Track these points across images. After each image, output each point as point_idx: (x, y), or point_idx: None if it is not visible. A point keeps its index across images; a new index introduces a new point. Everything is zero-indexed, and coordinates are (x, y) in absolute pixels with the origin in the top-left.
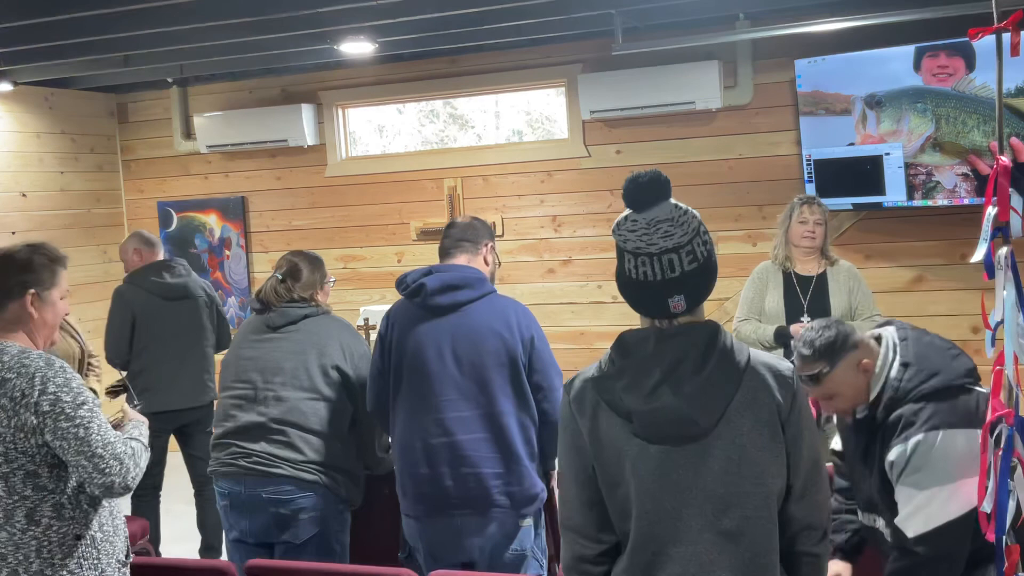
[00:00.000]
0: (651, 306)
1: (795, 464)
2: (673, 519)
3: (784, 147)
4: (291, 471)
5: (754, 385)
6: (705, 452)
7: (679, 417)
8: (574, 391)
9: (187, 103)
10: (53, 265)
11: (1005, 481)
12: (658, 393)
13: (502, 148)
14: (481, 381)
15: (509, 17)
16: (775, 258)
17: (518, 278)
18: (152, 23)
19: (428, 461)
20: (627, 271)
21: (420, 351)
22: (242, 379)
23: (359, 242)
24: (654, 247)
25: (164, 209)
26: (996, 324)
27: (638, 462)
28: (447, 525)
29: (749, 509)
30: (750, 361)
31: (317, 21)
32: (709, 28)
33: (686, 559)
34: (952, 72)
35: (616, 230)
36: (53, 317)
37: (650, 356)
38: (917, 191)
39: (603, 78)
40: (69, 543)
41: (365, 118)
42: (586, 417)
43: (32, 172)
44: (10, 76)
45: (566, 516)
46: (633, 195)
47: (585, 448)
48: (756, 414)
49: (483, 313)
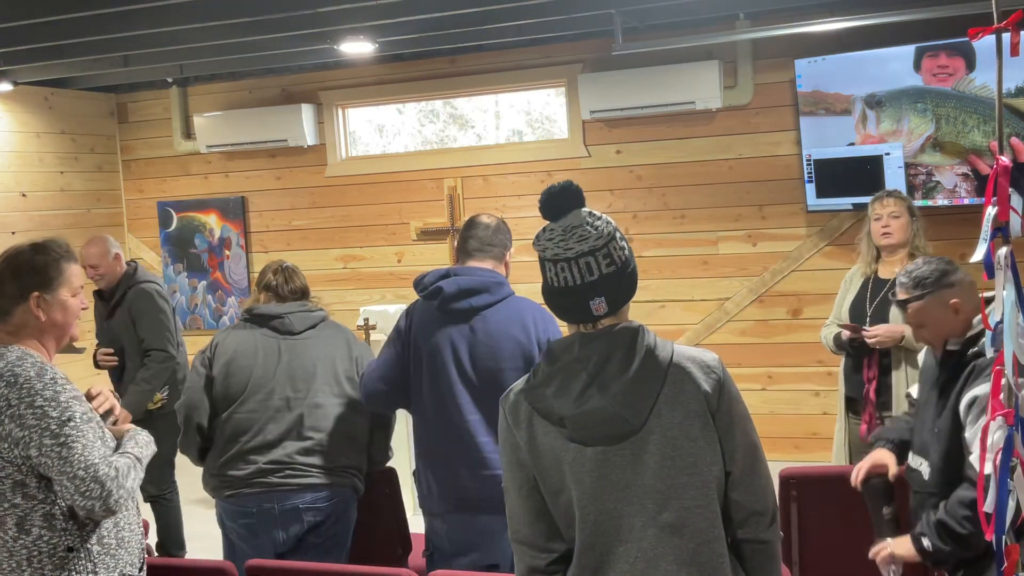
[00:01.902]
0: (574, 311)
1: (730, 451)
2: (616, 518)
3: (784, 147)
4: (324, 479)
5: (680, 378)
6: (640, 449)
7: (609, 417)
8: (509, 404)
9: (187, 103)
10: (59, 263)
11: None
12: (586, 396)
13: (502, 148)
14: (497, 385)
15: (509, 17)
16: (861, 263)
17: (518, 278)
18: (152, 23)
19: (448, 462)
20: (549, 280)
21: (438, 354)
22: (267, 389)
23: (359, 242)
24: (571, 251)
25: (164, 209)
26: (996, 324)
27: (576, 466)
28: (471, 524)
29: (688, 500)
30: (674, 356)
31: (317, 21)
32: (709, 28)
33: (632, 556)
34: (952, 72)
35: (536, 242)
36: (64, 317)
37: (575, 360)
38: (917, 191)
39: (603, 78)
40: (60, 555)
41: (365, 118)
42: (522, 428)
43: (32, 172)
44: (10, 76)
45: (514, 529)
46: (548, 204)
47: (525, 460)
48: (685, 406)
49: (501, 318)
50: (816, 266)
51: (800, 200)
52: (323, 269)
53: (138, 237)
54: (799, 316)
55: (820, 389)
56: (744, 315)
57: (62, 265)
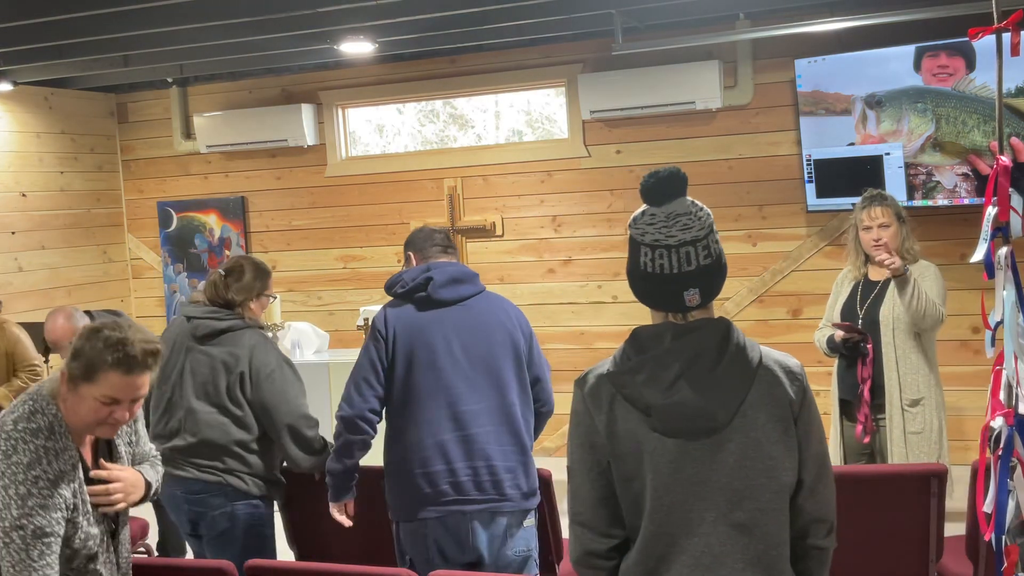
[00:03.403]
0: (666, 300)
1: (805, 459)
2: (686, 511)
3: (784, 147)
4: (197, 474)
5: (768, 380)
6: (720, 446)
7: (697, 411)
8: (588, 386)
9: (187, 103)
10: (102, 361)
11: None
12: (676, 387)
13: (502, 148)
14: (491, 373)
15: (509, 17)
16: (851, 267)
17: (518, 278)
18: (152, 23)
19: (443, 457)
20: (642, 264)
21: (428, 347)
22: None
23: (359, 242)
24: (672, 239)
25: (164, 209)
26: (996, 324)
27: (656, 456)
28: (459, 522)
29: (762, 502)
30: (762, 358)
31: (317, 21)
32: (709, 28)
33: (698, 551)
34: (952, 72)
35: (633, 224)
36: (84, 412)
37: (667, 351)
38: (917, 191)
39: (603, 78)
40: None
41: (365, 118)
42: (602, 412)
43: (32, 172)
44: (10, 76)
45: (576, 511)
46: (652, 189)
47: (600, 443)
48: (770, 409)
49: (485, 307)
50: (816, 266)
51: (800, 200)
52: (323, 269)
53: (138, 237)
54: (799, 316)
55: (820, 389)
56: (744, 315)
57: (100, 366)
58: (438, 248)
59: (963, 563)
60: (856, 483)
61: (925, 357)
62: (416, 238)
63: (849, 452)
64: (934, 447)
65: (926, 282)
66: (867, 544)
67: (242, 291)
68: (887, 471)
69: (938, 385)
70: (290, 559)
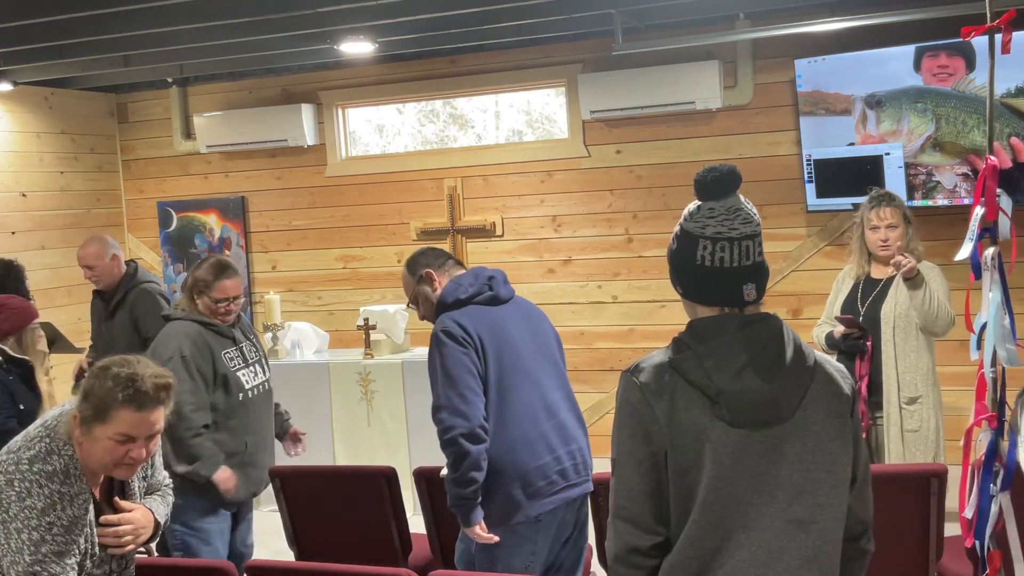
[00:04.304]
0: (723, 292)
1: (857, 457)
2: (744, 504)
3: (784, 147)
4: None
5: (824, 378)
6: (781, 439)
7: (766, 400)
8: (644, 375)
9: (187, 103)
10: (113, 400)
11: (987, 487)
12: (745, 375)
13: (502, 148)
14: (554, 360)
15: (509, 17)
16: (853, 265)
17: (518, 278)
18: (152, 23)
19: (548, 447)
20: (699, 258)
21: (511, 344)
22: None
23: (359, 242)
24: (735, 232)
25: (164, 209)
26: (980, 327)
27: (720, 445)
28: (567, 507)
29: (821, 497)
30: (817, 357)
31: (317, 21)
32: (709, 28)
33: (754, 546)
34: (952, 72)
35: (690, 219)
36: (99, 453)
37: (732, 341)
38: (917, 191)
39: (603, 78)
40: None
41: (365, 118)
42: (663, 400)
43: (32, 172)
44: (10, 76)
45: (621, 505)
46: (713, 184)
47: (658, 433)
48: (828, 405)
49: (524, 302)
50: (816, 266)
51: (800, 200)
52: (323, 269)
53: (138, 237)
54: (799, 316)
55: None
56: None
57: (112, 404)
58: (452, 262)
59: (963, 563)
60: None
61: (924, 356)
62: (427, 259)
63: None
64: (931, 446)
65: (932, 284)
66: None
67: (187, 283)
68: (887, 471)
69: (936, 384)
70: (290, 559)
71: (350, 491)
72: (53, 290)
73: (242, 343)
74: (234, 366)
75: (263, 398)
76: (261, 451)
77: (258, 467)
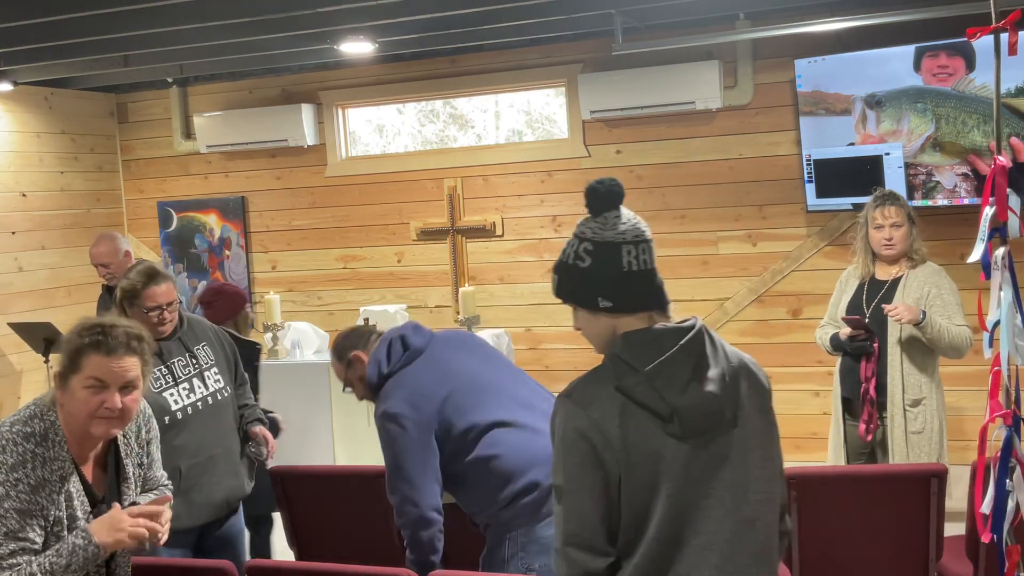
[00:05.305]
0: (655, 296)
1: (778, 445)
2: (693, 511)
3: (784, 147)
4: None
5: (749, 374)
6: (724, 443)
7: (716, 409)
8: (589, 402)
9: (187, 103)
10: (81, 345)
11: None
12: (691, 388)
13: (502, 148)
14: (500, 363)
15: (509, 17)
16: (857, 265)
17: (518, 278)
18: (152, 23)
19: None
20: (627, 264)
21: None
22: None
23: (359, 242)
24: (647, 234)
25: (164, 209)
26: (992, 325)
27: (673, 463)
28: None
29: (762, 493)
30: (736, 352)
31: (317, 21)
32: (709, 28)
33: (709, 550)
34: (952, 72)
35: (602, 229)
36: (77, 408)
37: (676, 356)
38: (917, 191)
39: (603, 78)
40: None
41: (365, 118)
42: (613, 424)
43: (32, 172)
44: (10, 76)
45: (573, 532)
46: (612, 192)
47: (610, 458)
48: (756, 401)
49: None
50: (816, 266)
51: (800, 200)
52: (323, 269)
53: (138, 237)
54: (799, 316)
55: (820, 389)
56: (744, 315)
57: (86, 350)
58: (375, 337)
59: (963, 563)
60: (856, 483)
61: (928, 358)
62: (351, 342)
63: (851, 451)
64: (934, 447)
65: (944, 296)
66: (867, 544)
67: (115, 298)
68: (887, 471)
69: (939, 386)
70: (290, 559)
71: (350, 491)
72: (53, 290)
73: (173, 359)
74: (158, 387)
75: (208, 414)
76: (208, 473)
77: (203, 490)
